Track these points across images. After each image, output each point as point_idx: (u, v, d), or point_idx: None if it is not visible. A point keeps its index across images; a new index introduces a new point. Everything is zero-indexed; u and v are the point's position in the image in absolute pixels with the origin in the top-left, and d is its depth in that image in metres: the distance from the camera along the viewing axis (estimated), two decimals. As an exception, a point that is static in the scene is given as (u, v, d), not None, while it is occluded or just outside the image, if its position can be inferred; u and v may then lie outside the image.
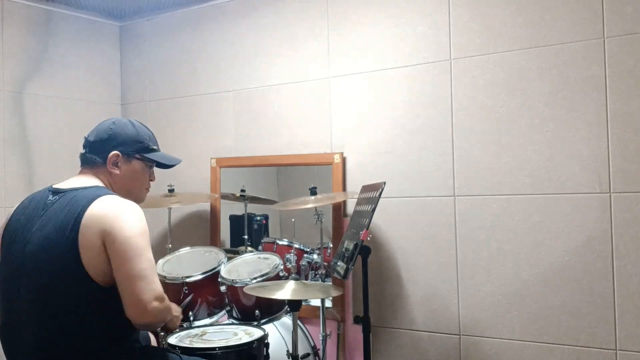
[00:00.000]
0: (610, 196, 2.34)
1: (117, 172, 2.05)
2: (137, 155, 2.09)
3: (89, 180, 2.01)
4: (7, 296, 1.93)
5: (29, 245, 1.89)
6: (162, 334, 2.68)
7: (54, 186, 2.00)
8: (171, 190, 3.16)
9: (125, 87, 3.82)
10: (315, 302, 2.89)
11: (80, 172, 2.08)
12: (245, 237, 3.31)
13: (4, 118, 3.26)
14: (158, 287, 1.81)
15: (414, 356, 2.76)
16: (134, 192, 2.11)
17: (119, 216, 1.84)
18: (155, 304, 1.77)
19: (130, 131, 2.09)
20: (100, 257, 1.82)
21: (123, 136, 2.07)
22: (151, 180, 2.19)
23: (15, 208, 2.03)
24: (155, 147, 2.15)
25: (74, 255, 1.81)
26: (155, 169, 2.20)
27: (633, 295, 2.30)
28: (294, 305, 2.36)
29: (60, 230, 1.84)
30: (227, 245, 3.36)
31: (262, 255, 2.85)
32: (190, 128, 3.52)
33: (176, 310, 2.16)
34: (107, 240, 1.81)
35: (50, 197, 1.95)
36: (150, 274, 1.80)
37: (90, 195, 1.89)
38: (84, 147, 2.10)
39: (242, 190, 3.35)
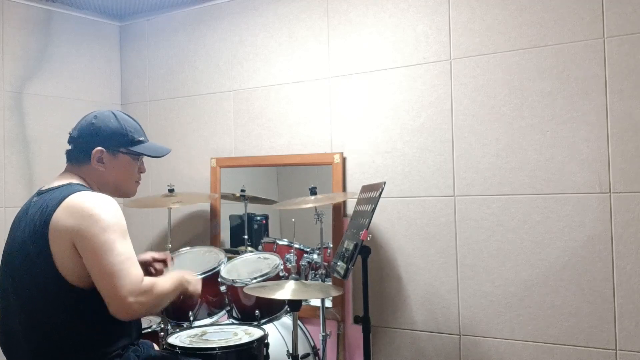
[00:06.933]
0: (610, 196, 2.34)
1: (103, 168, 1.98)
2: (123, 149, 2.00)
3: (65, 179, 1.95)
4: (3, 301, 1.93)
5: (14, 247, 1.89)
6: (161, 334, 2.69)
7: (42, 187, 1.97)
8: (171, 190, 3.16)
9: (125, 87, 3.82)
10: (315, 302, 2.89)
11: (64, 170, 2.02)
12: (245, 237, 3.31)
13: (4, 118, 3.26)
14: (134, 281, 1.73)
15: (414, 356, 2.76)
16: (123, 186, 2.05)
17: (85, 213, 1.78)
18: (132, 299, 1.70)
19: (113, 124, 2.00)
20: (73, 259, 1.77)
21: (106, 130, 1.98)
22: (141, 172, 2.11)
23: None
24: (141, 139, 2.06)
25: (45, 259, 1.77)
26: (148, 160, 2.10)
27: (633, 295, 2.30)
28: (294, 305, 2.36)
29: (32, 233, 1.82)
30: (227, 245, 3.36)
31: (262, 255, 2.85)
32: (190, 128, 3.52)
33: (188, 274, 2.05)
34: (76, 240, 1.76)
35: (34, 198, 1.93)
36: (124, 268, 1.73)
37: (60, 196, 1.84)
38: (69, 143, 2.03)
39: (242, 190, 3.35)
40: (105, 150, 1.98)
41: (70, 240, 1.77)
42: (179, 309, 2.64)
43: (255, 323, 2.55)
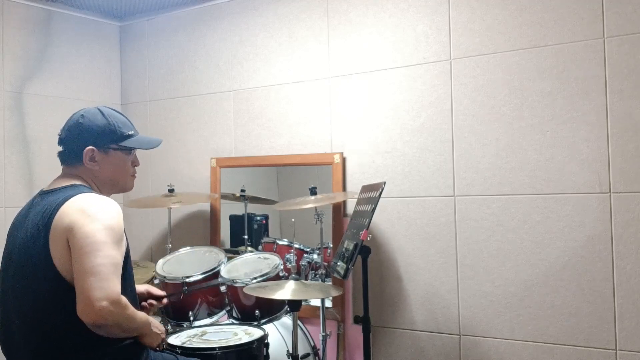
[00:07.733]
0: (610, 196, 2.34)
1: (97, 167, 1.97)
2: (114, 146, 1.98)
3: (67, 181, 1.95)
4: (3, 301, 1.93)
5: (15, 248, 1.89)
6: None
7: (44, 188, 1.97)
8: (171, 190, 3.16)
9: (125, 87, 3.82)
10: (315, 302, 2.89)
11: (62, 172, 2.01)
12: (245, 237, 3.31)
13: (4, 118, 3.26)
14: (112, 287, 1.68)
15: (414, 356, 2.76)
16: (120, 182, 2.04)
17: (84, 212, 1.77)
18: (105, 304, 1.65)
19: (100, 122, 1.97)
20: (67, 257, 1.76)
21: (94, 128, 1.96)
22: (135, 165, 2.09)
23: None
24: (131, 133, 2.03)
25: (45, 259, 1.77)
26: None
27: (633, 295, 2.30)
28: (294, 305, 2.36)
29: (34, 233, 1.82)
30: (227, 245, 3.36)
31: (262, 255, 2.85)
32: (190, 128, 3.52)
33: (156, 325, 1.98)
34: (69, 237, 1.74)
35: (37, 199, 1.94)
36: (106, 271, 1.68)
37: (63, 196, 1.84)
38: (59, 144, 2.01)
39: (242, 190, 3.35)
40: (96, 148, 1.96)
41: (65, 237, 1.76)
42: (179, 309, 2.64)
43: (255, 323, 2.55)
